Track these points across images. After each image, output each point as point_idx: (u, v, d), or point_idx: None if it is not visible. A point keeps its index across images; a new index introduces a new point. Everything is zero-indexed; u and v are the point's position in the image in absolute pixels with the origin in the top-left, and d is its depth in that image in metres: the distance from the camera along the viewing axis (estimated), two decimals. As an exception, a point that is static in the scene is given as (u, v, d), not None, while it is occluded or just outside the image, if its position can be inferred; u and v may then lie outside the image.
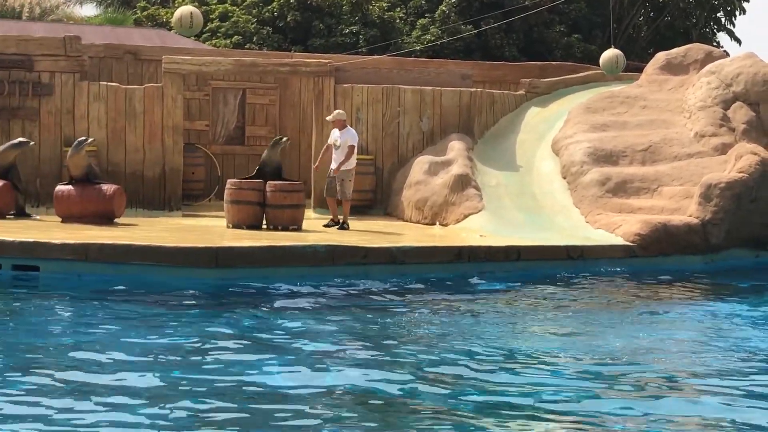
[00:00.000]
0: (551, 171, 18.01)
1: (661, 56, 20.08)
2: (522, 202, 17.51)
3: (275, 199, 15.78)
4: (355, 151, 16.50)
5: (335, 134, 16.51)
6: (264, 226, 15.82)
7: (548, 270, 14.47)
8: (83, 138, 16.50)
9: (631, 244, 15.48)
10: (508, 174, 18.28)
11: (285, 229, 15.68)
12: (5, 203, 16.25)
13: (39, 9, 33.64)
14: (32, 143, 16.93)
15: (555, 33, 31.24)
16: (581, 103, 19.28)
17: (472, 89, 19.75)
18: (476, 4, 30.38)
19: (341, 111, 16.91)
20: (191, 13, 17.79)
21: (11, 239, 13.21)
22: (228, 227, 15.86)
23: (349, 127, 16.69)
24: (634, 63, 25.59)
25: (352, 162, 16.55)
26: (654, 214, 16.20)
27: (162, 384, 8.08)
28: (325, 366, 8.79)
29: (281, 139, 16.77)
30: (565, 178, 17.65)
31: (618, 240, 15.64)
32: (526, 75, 21.25)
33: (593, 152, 17.62)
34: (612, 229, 15.97)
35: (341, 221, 16.34)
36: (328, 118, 16.87)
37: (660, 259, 15.46)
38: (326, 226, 16.37)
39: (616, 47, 19.96)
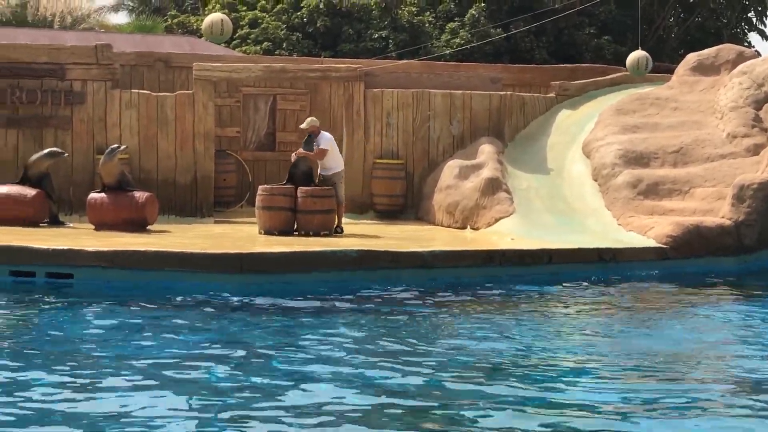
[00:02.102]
0: (582, 173, 17.94)
1: (691, 57, 19.97)
2: (553, 205, 17.46)
3: (306, 205, 15.82)
4: (335, 152, 16.35)
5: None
6: (295, 232, 15.86)
7: (580, 273, 14.41)
8: (115, 145, 16.62)
9: (664, 246, 15.39)
10: (538, 177, 18.23)
11: (316, 234, 15.72)
12: (39, 211, 16.38)
13: (70, 18, 33.86)
14: (65, 154, 17.05)
15: (585, 35, 31.14)
16: (612, 105, 19.20)
17: (502, 92, 19.72)
18: (506, 7, 30.34)
19: (314, 118, 16.73)
20: (221, 20, 17.89)
21: (45, 247, 13.33)
22: (260, 233, 15.91)
23: (323, 132, 16.53)
24: (665, 64, 25.46)
25: (340, 164, 16.52)
26: (686, 216, 16.10)
27: (195, 388, 8.12)
28: (355, 369, 8.80)
29: (310, 137, 16.41)
30: (596, 180, 17.58)
31: (650, 242, 15.55)
32: (556, 77, 21.21)
33: (624, 154, 17.54)
34: (644, 231, 15.89)
35: (337, 225, 16.19)
36: (301, 126, 16.74)
37: (692, 261, 15.35)
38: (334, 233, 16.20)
39: (645, 49, 19.88)
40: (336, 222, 16.22)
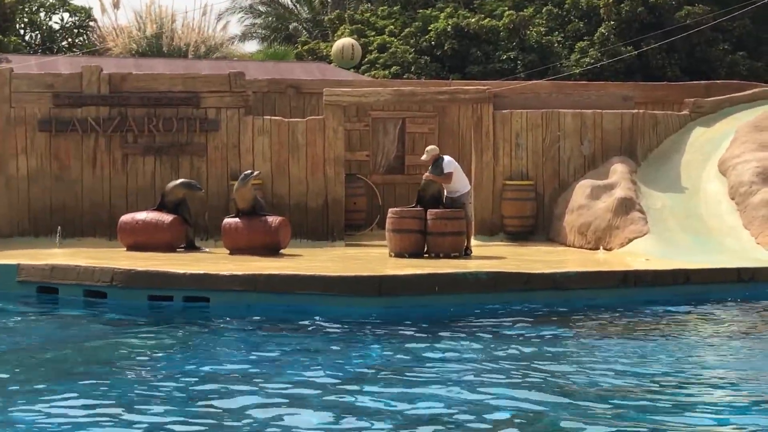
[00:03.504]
0: (718, 192, 17.53)
1: (832, 70, 19.36)
2: (689, 224, 17.09)
3: (436, 227, 15.82)
4: (460, 174, 16.33)
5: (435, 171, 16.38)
6: (425, 254, 15.87)
7: (718, 293, 14.06)
8: (249, 171, 16.89)
9: (806, 265, 14.92)
10: (673, 196, 17.87)
11: (446, 256, 15.70)
12: (176, 237, 16.77)
13: (204, 47, 34.66)
14: (202, 191, 17.37)
15: (719, 51, 30.49)
16: (748, 121, 18.73)
17: (634, 111, 19.43)
18: (636, 24, 29.94)
19: (434, 146, 16.72)
20: (352, 45, 18.10)
21: (182, 271, 13.64)
22: (390, 255, 15.97)
23: (444, 156, 16.43)
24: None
25: (466, 185, 16.48)
26: (829, 234, 15.58)
27: (327, 411, 8.17)
28: (487, 392, 8.74)
29: (441, 159, 16.41)
30: (733, 198, 17.16)
31: (791, 261, 15.09)
32: (690, 95, 20.79)
33: (762, 171, 17.09)
34: (785, 250, 15.43)
35: (466, 247, 16.22)
36: (422, 158, 16.68)
37: (837, 281, 14.83)
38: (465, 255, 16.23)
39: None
40: (465, 243, 16.21)
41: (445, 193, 16.39)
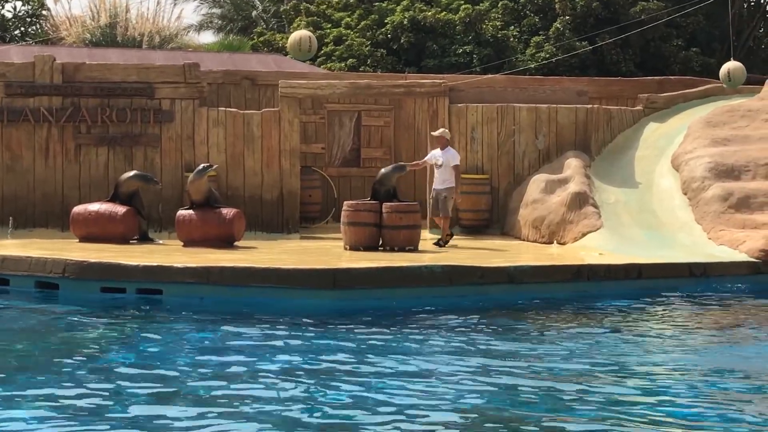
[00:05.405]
0: (671, 187, 17.69)
1: (783, 67, 19.58)
2: (642, 219, 17.23)
3: (391, 220, 15.83)
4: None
5: (436, 153, 16.77)
6: (380, 248, 15.88)
7: (670, 288, 14.19)
8: (206, 164, 16.75)
9: (756, 260, 15.10)
10: (627, 191, 18.01)
11: (402, 249, 15.72)
12: (129, 229, 16.64)
13: (158, 38, 34.40)
14: (159, 186, 17.26)
15: (672, 47, 30.75)
16: (701, 117, 18.91)
17: (589, 106, 19.54)
18: (591, 20, 30.11)
19: (446, 130, 17.10)
20: (309, 37, 18.05)
21: (135, 263, 13.53)
22: (345, 249, 15.96)
23: (449, 147, 16.81)
24: (756, 75, 25.04)
25: (453, 180, 16.69)
26: (779, 230, 15.75)
27: (280, 404, 8.15)
28: (440, 386, 8.76)
29: (404, 166, 16.91)
30: (685, 194, 17.31)
31: (742, 256, 15.26)
32: (644, 90, 20.96)
33: (714, 167, 17.26)
34: (735, 245, 15.60)
35: (441, 237, 16.67)
36: (434, 132, 17.05)
37: (787, 276, 15.02)
38: (436, 244, 16.51)
39: (736, 60, 19.55)
40: (447, 232, 16.71)
41: (434, 185, 16.55)
